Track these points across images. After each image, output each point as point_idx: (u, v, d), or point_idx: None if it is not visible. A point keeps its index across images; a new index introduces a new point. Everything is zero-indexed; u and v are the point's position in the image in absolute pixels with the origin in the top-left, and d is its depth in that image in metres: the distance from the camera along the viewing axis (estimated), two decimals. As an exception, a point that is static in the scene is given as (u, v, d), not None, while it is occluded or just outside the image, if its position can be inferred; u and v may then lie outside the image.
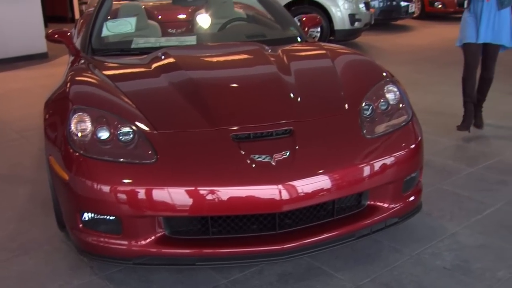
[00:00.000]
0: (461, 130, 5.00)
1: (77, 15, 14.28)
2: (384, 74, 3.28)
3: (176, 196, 2.46)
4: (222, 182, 2.47)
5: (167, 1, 5.73)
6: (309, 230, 2.64)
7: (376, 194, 2.80)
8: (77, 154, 2.59)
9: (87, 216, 2.61)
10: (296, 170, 2.52)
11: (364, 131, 2.81)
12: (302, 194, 2.49)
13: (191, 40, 4.19)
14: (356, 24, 9.33)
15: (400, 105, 3.06)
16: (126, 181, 2.49)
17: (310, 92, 3.05)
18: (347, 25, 9.22)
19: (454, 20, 4.36)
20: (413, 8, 12.83)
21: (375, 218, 2.79)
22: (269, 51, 3.61)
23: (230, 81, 3.24)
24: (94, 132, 2.66)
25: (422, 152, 3.00)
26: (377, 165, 2.70)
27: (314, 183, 2.52)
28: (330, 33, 9.26)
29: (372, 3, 11.33)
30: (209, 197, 2.46)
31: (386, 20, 12.48)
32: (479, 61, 4.94)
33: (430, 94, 6.52)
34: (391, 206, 2.85)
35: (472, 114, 5.04)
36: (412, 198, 2.98)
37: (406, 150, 2.84)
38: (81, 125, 2.69)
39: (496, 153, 4.60)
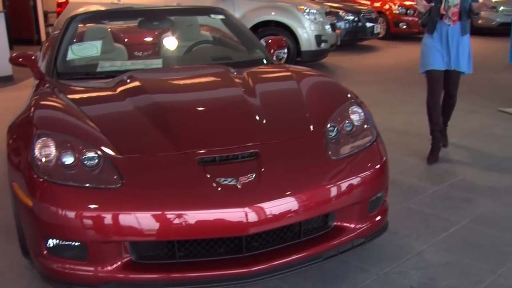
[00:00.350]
0: (431, 163, 4.89)
1: (43, 37, 14.16)
2: (349, 95, 3.33)
3: (142, 220, 2.45)
4: (188, 206, 2.47)
5: (133, 24, 5.74)
6: (276, 252, 2.65)
7: (342, 215, 2.82)
8: (41, 179, 2.56)
9: (51, 242, 2.57)
10: (262, 193, 2.53)
11: (329, 152, 2.84)
12: (268, 216, 2.50)
13: (157, 63, 4.20)
14: (323, 45, 9.44)
15: (365, 126, 3.10)
16: (91, 206, 2.47)
17: (275, 114, 3.07)
18: (313, 46, 9.33)
19: (419, 40, 4.49)
20: (379, 28, 13.06)
21: (342, 239, 2.81)
22: (235, 73, 3.63)
23: (196, 104, 3.25)
24: (58, 157, 2.64)
25: (387, 172, 3.04)
26: (343, 186, 2.73)
27: (280, 205, 2.53)
28: (297, 54, 9.34)
29: (338, 24, 11.49)
30: (176, 221, 2.45)
31: (352, 40, 12.66)
32: (443, 85, 4.90)
33: (396, 114, 6.62)
34: (358, 226, 2.87)
35: (440, 143, 5.02)
36: (378, 217, 3.00)
37: (371, 170, 2.87)
38: (45, 150, 2.66)
39: (460, 171, 4.69)
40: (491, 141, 5.53)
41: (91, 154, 2.66)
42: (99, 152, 2.67)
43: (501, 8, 14.20)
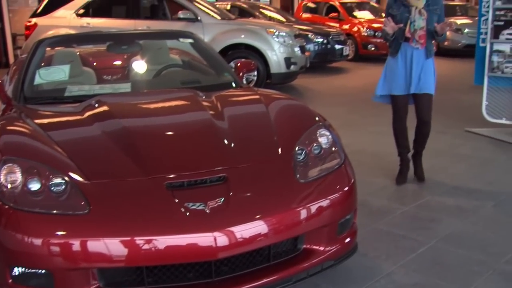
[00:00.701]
0: (399, 183, 4.90)
1: (11, 60, 14.01)
2: (317, 118, 3.36)
3: (110, 247, 2.42)
4: (156, 231, 2.46)
5: (103, 47, 5.72)
6: (246, 276, 2.64)
7: (311, 238, 2.83)
8: (6, 206, 2.53)
9: (17, 270, 2.53)
10: (231, 217, 2.53)
11: (298, 175, 2.86)
12: (237, 240, 2.50)
13: (125, 87, 4.19)
14: (292, 67, 9.52)
15: (333, 149, 3.13)
16: (58, 233, 2.44)
17: (243, 138, 3.09)
18: (283, 69, 9.40)
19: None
20: (348, 50, 13.24)
21: (312, 262, 2.82)
22: (203, 97, 3.64)
23: (164, 129, 3.25)
24: (24, 184, 2.61)
25: (355, 194, 3.06)
26: (312, 208, 2.74)
27: (249, 229, 2.54)
28: (266, 76, 9.40)
29: (308, 46, 11.61)
30: (144, 246, 2.43)
31: (322, 62, 12.80)
32: (408, 108, 4.84)
33: (365, 135, 6.69)
34: (327, 248, 2.88)
35: (409, 164, 4.99)
36: (347, 239, 3.02)
37: (339, 193, 2.90)
38: (11, 176, 2.63)
39: (429, 191, 4.74)
40: (458, 161, 5.62)
41: (58, 180, 2.63)
42: (66, 178, 2.64)
43: (466, 30, 14.57)
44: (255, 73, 9.16)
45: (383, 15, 4.51)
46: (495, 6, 6.25)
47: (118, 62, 5.43)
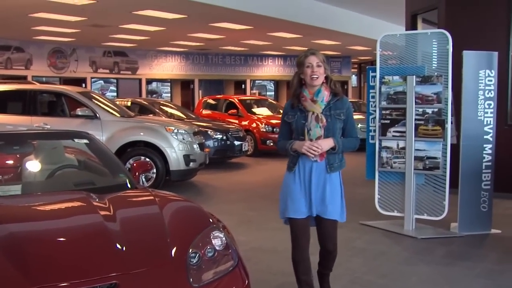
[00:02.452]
0: None
1: None
2: (211, 220, 3.38)
3: None
4: None
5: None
6: None
7: None
8: None
9: None
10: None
11: (191, 279, 2.82)
12: None
13: (15, 189, 4.04)
14: (191, 164, 9.56)
15: (227, 251, 3.13)
16: None
17: (136, 241, 3.04)
18: (182, 166, 9.42)
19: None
20: (247, 146, 13.48)
21: None
22: (96, 199, 3.58)
23: (54, 234, 3.14)
24: None
25: (250, 295, 3.04)
26: (205, 313, 2.70)
27: None
28: (166, 173, 9.37)
29: (207, 143, 11.74)
30: None
31: (221, 158, 12.93)
32: (309, 234, 3.98)
33: (263, 231, 6.72)
34: None
35: None
36: None
37: (234, 295, 2.88)
38: None
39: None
40: (355, 255, 5.74)
41: None
42: None
43: (359, 125, 15.31)
44: (154, 170, 9.13)
45: (281, 111, 4.41)
46: (381, 106, 6.64)
47: (9, 162, 5.24)
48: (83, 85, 22.24)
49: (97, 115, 9.39)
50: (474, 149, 6.54)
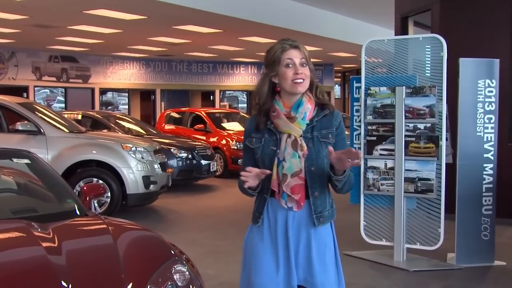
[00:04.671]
0: None
1: None
2: (172, 252, 3.36)
3: None
4: None
5: None
6: None
7: None
8: None
9: None
10: None
11: (149, 321, 2.79)
12: None
13: None
14: (151, 187, 9.50)
15: (190, 287, 3.10)
16: None
17: (85, 278, 3.01)
18: (141, 189, 9.34)
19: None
20: (215, 166, 13.46)
21: None
22: (39, 229, 3.54)
23: (-13, 270, 3.08)
24: None
25: None
26: None
27: None
28: (122, 197, 9.29)
29: (170, 162, 11.70)
30: None
31: (187, 180, 12.87)
32: None
33: (233, 263, 6.68)
34: None
35: None
36: None
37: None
38: None
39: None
40: (337, 290, 5.73)
41: None
42: None
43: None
44: (108, 194, 9.04)
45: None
46: (366, 121, 6.69)
47: None
48: (25, 95, 21.98)
49: (41, 130, 9.29)
50: (472, 169, 6.61)
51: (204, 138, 15.10)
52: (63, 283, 2.92)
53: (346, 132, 3.67)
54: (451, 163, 6.74)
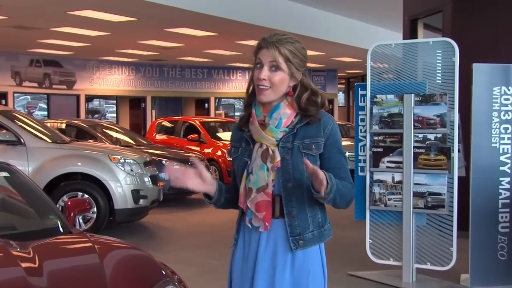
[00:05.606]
0: None
1: None
2: (163, 272, 3.35)
3: None
4: None
5: None
6: None
7: None
8: None
9: None
10: None
11: None
12: None
13: None
14: (141, 201, 9.47)
15: (183, 311, 3.10)
16: None
17: (68, 301, 2.99)
18: (130, 204, 9.31)
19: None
20: (210, 179, 13.42)
21: None
22: (18, 248, 3.53)
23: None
24: None
25: None
26: None
27: None
28: (109, 213, 9.27)
29: (161, 175, 11.67)
30: None
31: (179, 194, 12.84)
32: None
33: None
34: None
35: None
36: None
37: None
38: None
39: None
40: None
41: None
42: None
43: (347, 153, 15.42)
44: (94, 209, 9.02)
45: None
46: (372, 131, 6.68)
47: None
48: (3, 101, 22.00)
49: (21, 140, 9.27)
50: (487, 183, 6.60)
51: (198, 149, 15.12)
52: (45, 307, 2.91)
53: (350, 143, 3.52)
54: (464, 176, 6.73)
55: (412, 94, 6.49)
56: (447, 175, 6.43)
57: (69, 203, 4.62)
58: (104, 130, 14.13)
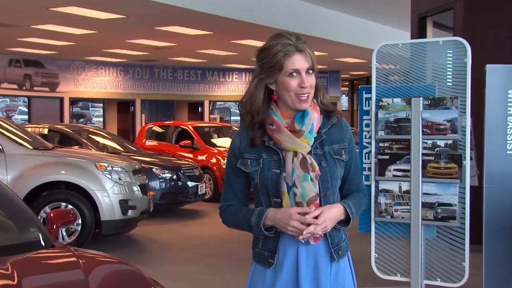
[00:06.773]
0: None
1: None
2: (153, 289, 3.34)
3: None
4: None
5: None
6: None
7: None
8: None
9: None
10: None
11: None
12: None
13: None
14: (130, 212, 9.48)
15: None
16: None
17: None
18: (118, 215, 9.31)
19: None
20: (204, 188, 13.43)
21: None
22: (-5, 264, 3.52)
23: None
24: None
25: None
26: None
27: None
28: (95, 225, 9.26)
29: (151, 184, 11.69)
30: None
31: (171, 204, 12.89)
32: None
33: (224, 302, 6.68)
34: None
35: None
36: None
37: None
38: None
39: None
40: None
41: None
42: None
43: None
44: (79, 221, 9.01)
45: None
46: (377, 137, 6.67)
47: None
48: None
49: (0, 146, 9.27)
50: (502, 193, 6.60)
51: (191, 156, 15.13)
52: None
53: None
54: (476, 186, 6.73)
55: (421, 98, 6.48)
56: (458, 185, 6.42)
57: (51, 214, 4.61)
58: (90, 135, 14.12)
